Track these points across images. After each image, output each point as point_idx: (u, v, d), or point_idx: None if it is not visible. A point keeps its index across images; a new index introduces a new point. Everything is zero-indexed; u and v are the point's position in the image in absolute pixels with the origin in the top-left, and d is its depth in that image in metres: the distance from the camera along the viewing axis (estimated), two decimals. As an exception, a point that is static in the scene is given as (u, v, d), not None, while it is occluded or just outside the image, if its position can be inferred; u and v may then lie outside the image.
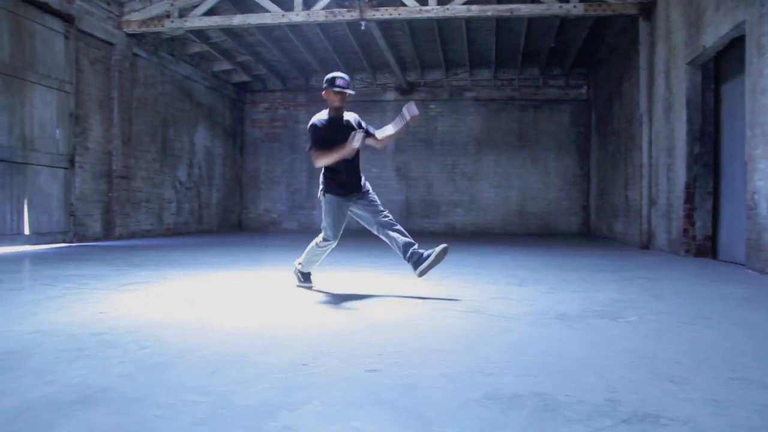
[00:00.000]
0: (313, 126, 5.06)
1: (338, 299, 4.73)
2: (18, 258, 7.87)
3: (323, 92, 5.11)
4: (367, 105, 17.43)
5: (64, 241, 10.43)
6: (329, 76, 5.08)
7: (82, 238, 10.87)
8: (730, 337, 3.36)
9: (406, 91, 17.09)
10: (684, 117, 8.94)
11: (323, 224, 5.24)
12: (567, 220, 16.68)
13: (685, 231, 8.91)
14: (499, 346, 3.08)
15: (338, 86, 4.99)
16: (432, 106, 17.14)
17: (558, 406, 2.08)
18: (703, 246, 8.83)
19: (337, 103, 5.03)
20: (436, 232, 16.36)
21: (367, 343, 3.12)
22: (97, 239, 11.29)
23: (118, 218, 11.82)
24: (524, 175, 16.85)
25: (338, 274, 6.46)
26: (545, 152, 16.80)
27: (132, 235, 12.30)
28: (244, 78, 16.91)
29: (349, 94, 5.06)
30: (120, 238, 11.80)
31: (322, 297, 4.86)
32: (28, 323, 3.50)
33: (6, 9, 9.17)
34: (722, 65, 8.70)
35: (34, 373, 2.46)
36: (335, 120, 5.12)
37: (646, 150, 10.57)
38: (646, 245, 10.53)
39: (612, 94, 13.79)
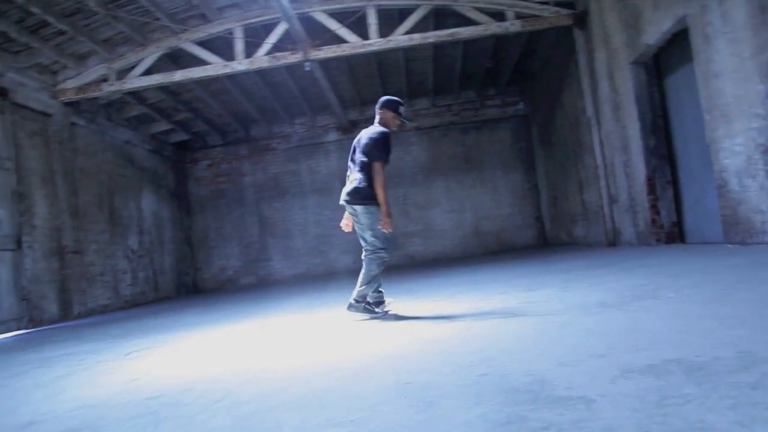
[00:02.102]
0: (386, 136, 5.07)
1: (363, 327, 4.57)
2: (-15, 347, 7.32)
3: (381, 110, 5.19)
4: (309, 148, 17.42)
5: (19, 328, 9.73)
6: (394, 98, 5.22)
7: (38, 323, 10.22)
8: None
9: (348, 130, 17.11)
10: (635, 114, 9.24)
11: (371, 237, 5.06)
12: (523, 234, 16.92)
13: (653, 221, 9.14)
14: (577, 335, 3.01)
15: (403, 115, 5.21)
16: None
17: (702, 365, 2.02)
18: (672, 232, 9.08)
19: (395, 129, 5.20)
20: (396, 265, 16.25)
21: (454, 353, 3.00)
22: (54, 321, 10.64)
23: (75, 296, 11.20)
24: (475, 196, 17.04)
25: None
26: (492, 171, 17.08)
27: (90, 312, 11.68)
28: (184, 136, 16.57)
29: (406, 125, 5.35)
30: (79, 317, 11.17)
31: (351, 326, 4.69)
32: (64, 401, 3.21)
33: (-62, 89, 8.73)
34: (661, 61, 9.08)
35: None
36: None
37: (598, 151, 10.85)
38: (613, 242, 10.74)
39: (552, 104, 14.18)
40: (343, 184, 5.42)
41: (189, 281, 16.94)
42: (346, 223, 5.40)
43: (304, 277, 16.29)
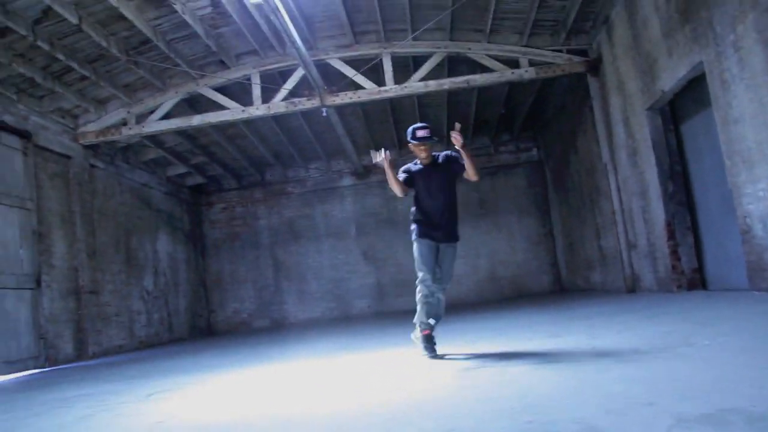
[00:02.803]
0: (403, 167, 5.28)
1: (389, 371, 4.50)
2: None
3: (408, 144, 5.25)
4: (324, 193, 17.51)
5: (36, 367, 9.72)
6: (410, 128, 5.20)
7: (54, 362, 10.18)
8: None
9: (362, 175, 17.23)
10: (653, 160, 9.24)
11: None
12: (538, 279, 16.80)
13: (674, 267, 9.05)
14: (618, 382, 2.95)
15: (417, 138, 5.09)
16: (389, 186, 17.22)
17: (764, 416, 1.97)
18: (693, 279, 8.97)
19: (422, 154, 5.16)
20: (411, 310, 16.14)
21: (492, 399, 2.94)
22: (70, 361, 10.59)
23: (91, 336, 11.17)
24: (490, 241, 17.00)
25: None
26: (507, 216, 17.07)
27: (105, 353, 11.63)
28: (199, 180, 16.74)
29: (431, 141, 5.14)
30: (94, 357, 11.11)
31: (376, 371, 4.62)
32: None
33: (-35, 131, 8.89)
34: (677, 107, 9.13)
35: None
36: (424, 168, 5.22)
37: (616, 197, 10.83)
38: (632, 289, 10.63)
39: (567, 150, 14.24)
40: (359, 229, 5.53)
41: (203, 323, 16.87)
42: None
43: (318, 322, 16.17)
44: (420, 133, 5.10)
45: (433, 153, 5.28)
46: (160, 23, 9.75)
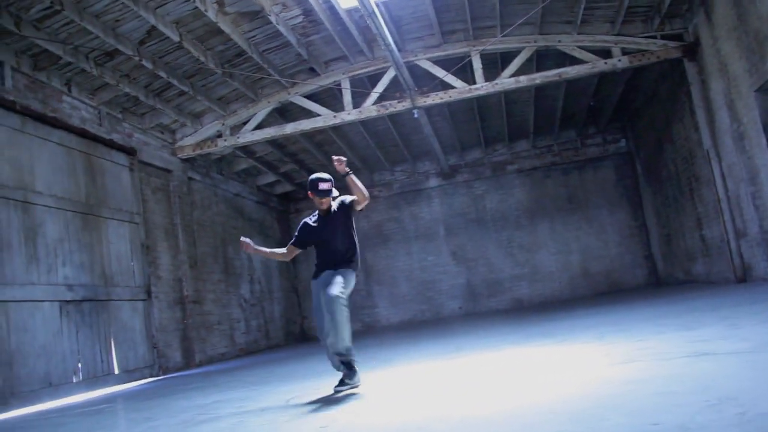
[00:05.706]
0: (300, 225, 5.43)
1: (520, 371, 4.42)
2: (126, 397, 7.55)
3: (309, 193, 5.22)
4: (410, 195, 17.54)
5: (151, 376, 10.12)
6: (311, 177, 5.22)
7: (165, 370, 10.56)
8: None
9: (448, 174, 17.18)
10: (763, 143, 8.80)
11: None
12: (632, 273, 16.32)
13: (793, 255, 8.62)
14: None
15: (320, 191, 5.09)
16: (477, 185, 17.17)
17: None
18: (815, 267, 8.52)
19: (323, 206, 5.21)
20: (504, 309, 16.00)
21: (676, 393, 2.84)
22: (178, 369, 10.97)
23: (196, 344, 11.54)
24: (581, 236, 16.64)
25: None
26: (597, 210, 16.66)
27: (210, 361, 11.98)
28: (288, 188, 17.09)
29: (333, 196, 5.19)
30: (200, 365, 11.48)
31: (510, 370, 4.56)
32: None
33: (79, 150, 9.32)
34: (788, 87, 8.68)
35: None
36: (321, 218, 5.30)
37: (720, 184, 10.40)
38: (743, 278, 10.16)
39: (660, 139, 13.77)
40: (448, 230, 5.39)
41: (297, 329, 17.18)
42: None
43: (410, 324, 16.18)
44: (322, 186, 5.10)
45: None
46: (254, 35, 10.00)
